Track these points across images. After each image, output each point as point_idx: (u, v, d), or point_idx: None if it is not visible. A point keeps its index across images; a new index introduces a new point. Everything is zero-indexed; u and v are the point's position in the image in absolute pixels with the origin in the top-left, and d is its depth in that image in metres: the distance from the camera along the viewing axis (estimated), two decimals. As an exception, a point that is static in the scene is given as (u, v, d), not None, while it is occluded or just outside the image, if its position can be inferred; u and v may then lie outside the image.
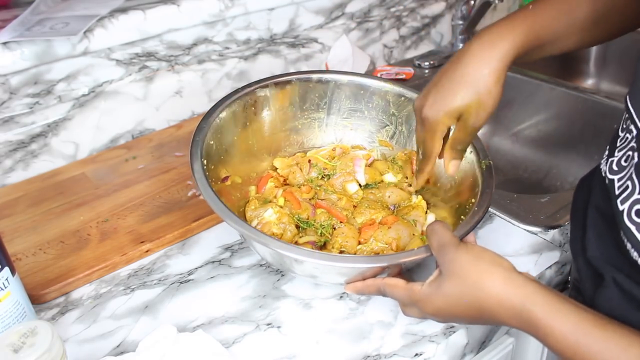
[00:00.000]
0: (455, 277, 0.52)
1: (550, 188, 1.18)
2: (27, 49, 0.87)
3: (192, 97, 1.10)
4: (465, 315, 0.53)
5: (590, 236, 0.58)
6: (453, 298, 0.53)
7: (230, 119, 0.75)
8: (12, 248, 0.75)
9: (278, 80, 0.80)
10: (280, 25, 1.15)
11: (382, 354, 0.62)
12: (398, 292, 0.57)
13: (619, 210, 0.51)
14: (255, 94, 0.78)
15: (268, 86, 0.79)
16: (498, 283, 0.50)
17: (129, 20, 0.95)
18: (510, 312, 0.49)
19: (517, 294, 0.49)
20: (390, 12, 1.31)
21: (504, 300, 0.50)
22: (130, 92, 1.02)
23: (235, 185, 0.74)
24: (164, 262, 0.76)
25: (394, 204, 0.76)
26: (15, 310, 0.59)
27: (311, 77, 0.81)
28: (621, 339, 0.45)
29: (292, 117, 0.82)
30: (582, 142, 1.16)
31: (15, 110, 0.91)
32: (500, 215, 0.81)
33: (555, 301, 0.48)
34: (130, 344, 0.64)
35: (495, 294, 0.50)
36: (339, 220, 0.72)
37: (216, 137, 0.72)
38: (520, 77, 1.24)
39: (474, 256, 0.53)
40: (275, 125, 0.81)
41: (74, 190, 0.89)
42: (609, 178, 0.54)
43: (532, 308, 0.48)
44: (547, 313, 0.48)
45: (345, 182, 0.77)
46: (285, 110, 0.82)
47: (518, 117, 1.27)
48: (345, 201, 0.74)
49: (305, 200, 0.75)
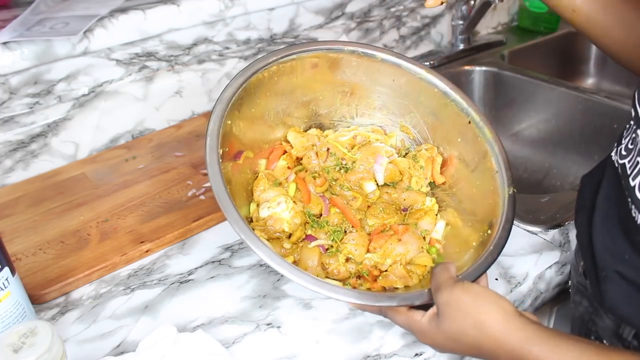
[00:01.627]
0: (452, 319, 0.52)
1: (550, 188, 1.18)
2: (27, 49, 0.87)
3: (192, 97, 1.10)
4: (465, 353, 0.54)
5: (596, 225, 0.59)
6: (451, 338, 0.53)
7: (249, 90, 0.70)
8: (12, 248, 0.75)
9: (308, 48, 0.74)
10: (280, 25, 1.15)
11: (382, 354, 0.62)
12: (399, 319, 0.58)
13: (631, 186, 0.52)
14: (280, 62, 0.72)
15: (296, 54, 0.73)
16: (498, 324, 0.50)
17: (129, 20, 0.95)
18: (510, 354, 0.49)
19: (517, 336, 0.49)
20: (390, 12, 1.31)
21: (503, 342, 0.49)
22: (130, 92, 1.02)
23: (247, 161, 0.71)
24: (164, 262, 0.76)
25: (408, 207, 0.74)
26: (15, 310, 0.59)
27: (343, 49, 0.76)
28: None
29: (314, 88, 0.78)
30: (582, 142, 1.16)
31: (15, 110, 0.91)
32: (500, 215, 0.81)
33: (555, 340, 0.48)
34: (130, 344, 0.64)
35: (494, 335, 0.50)
36: (351, 224, 0.70)
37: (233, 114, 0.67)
38: (520, 77, 1.24)
39: (471, 296, 0.52)
40: (296, 95, 0.77)
41: (74, 190, 0.89)
42: (620, 163, 0.56)
43: (532, 349, 0.48)
44: (547, 353, 0.47)
45: (362, 180, 0.73)
46: (308, 79, 0.76)
47: (518, 117, 1.27)
48: (360, 202, 0.71)
49: (318, 194, 0.72)
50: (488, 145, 0.71)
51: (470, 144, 0.73)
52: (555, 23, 1.43)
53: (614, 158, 0.59)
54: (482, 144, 0.72)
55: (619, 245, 0.55)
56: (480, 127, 0.72)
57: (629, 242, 0.54)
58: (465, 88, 1.31)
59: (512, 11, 1.54)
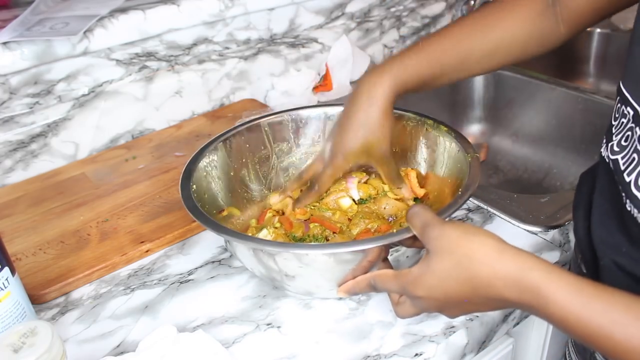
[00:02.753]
0: (444, 253, 0.51)
1: (550, 188, 1.18)
2: (27, 49, 0.87)
3: (192, 97, 1.10)
4: (459, 293, 0.51)
5: (595, 220, 0.58)
6: (444, 273, 0.50)
7: (225, 158, 0.76)
8: (12, 248, 0.76)
9: (271, 120, 0.81)
10: (280, 25, 1.15)
11: (382, 354, 0.62)
12: (388, 282, 0.56)
13: (626, 182, 0.51)
14: (246, 134, 0.79)
15: (260, 125, 0.80)
16: (491, 253, 0.48)
17: (129, 20, 0.95)
18: (508, 280, 0.47)
19: (514, 262, 0.48)
20: (390, 12, 1.31)
21: (500, 270, 0.48)
22: (130, 92, 1.02)
23: (235, 218, 0.74)
24: (164, 262, 0.76)
25: (391, 215, 0.74)
26: (15, 310, 0.59)
27: (301, 114, 0.82)
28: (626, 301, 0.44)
29: (289, 153, 0.83)
30: (582, 142, 1.16)
31: (15, 110, 0.91)
32: (500, 215, 0.81)
33: (552, 267, 0.47)
34: (130, 344, 0.64)
35: (490, 264, 0.48)
36: (332, 230, 0.71)
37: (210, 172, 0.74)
38: (520, 77, 1.24)
39: (462, 231, 0.51)
40: (273, 162, 0.82)
41: (74, 190, 0.89)
42: (612, 159, 0.55)
43: (530, 274, 0.47)
44: (546, 278, 0.46)
45: (338, 199, 0.75)
46: (280, 147, 0.82)
47: (518, 117, 1.27)
48: (339, 215, 0.73)
49: (299, 221, 0.74)
50: (447, 138, 0.74)
51: (437, 150, 0.76)
52: (555, 23, 1.43)
53: (604, 154, 0.58)
54: (443, 140, 0.75)
55: (616, 239, 0.54)
56: (436, 127, 0.76)
57: (626, 236, 0.53)
58: (464, 88, 1.31)
59: (512, 11, 1.54)
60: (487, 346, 0.68)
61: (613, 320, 0.44)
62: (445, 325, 0.64)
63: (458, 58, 0.69)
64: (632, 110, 0.52)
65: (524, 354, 0.81)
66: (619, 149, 0.55)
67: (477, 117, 1.33)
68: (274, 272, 0.62)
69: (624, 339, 0.44)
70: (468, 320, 0.64)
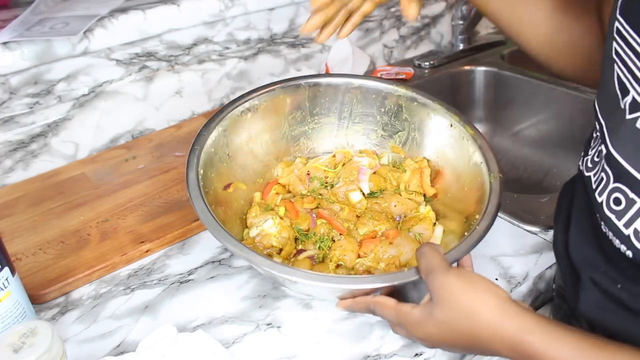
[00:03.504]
0: (446, 305, 0.51)
1: (550, 188, 1.18)
2: (27, 49, 0.87)
3: (192, 97, 1.10)
4: (457, 344, 0.52)
5: (573, 235, 0.57)
6: (445, 325, 0.51)
7: (234, 125, 0.73)
8: (12, 248, 0.75)
9: (286, 85, 0.77)
10: (280, 25, 1.15)
11: (382, 354, 0.62)
12: (388, 312, 0.56)
13: (597, 202, 0.51)
14: (261, 99, 0.76)
15: (275, 90, 0.77)
16: (493, 312, 0.49)
17: (129, 20, 0.95)
18: (506, 342, 0.48)
19: (513, 324, 0.48)
20: (390, 12, 1.31)
21: (499, 330, 0.48)
22: (130, 92, 1.02)
23: (239, 192, 0.73)
24: (164, 262, 0.76)
25: (400, 215, 0.74)
26: (15, 310, 0.59)
27: (320, 82, 0.79)
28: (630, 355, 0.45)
29: (302, 122, 0.80)
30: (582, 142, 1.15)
31: (15, 110, 0.91)
32: (500, 215, 0.81)
33: (552, 329, 0.47)
34: (130, 344, 0.64)
35: (490, 324, 0.49)
36: (339, 232, 0.70)
37: (218, 145, 0.71)
38: (520, 77, 1.24)
39: (465, 282, 0.51)
40: (284, 131, 0.80)
41: (74, 190, 0.89)
42: (585, 175, 0.55)
43: (528, 338, 0.47)
44: (544, 342, 0.46)
45: (348, 191, 0.75)
46: (294, 114, 0.79)
47: (518, 117, 1.27)
48: (347, 212, 0.72)
49: (306, 210, 0.73)
50: (471, 142, 0.73)
51: (456, 148, 0.75)
52: (555, 23, 1.43)
53: (581, 168, 0.57)
54: (466, 142, 0.73)
55: (594, 258, 0.53)
56: (461, 126, 0.74)
57: (603, 255, 0.52)
58: (465, 88, 1.31)
59: (512, 11, 1.54)
60: (487, 346, 0.68)
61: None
62: (445, 325, 0.64)
63: None
64: (598, 125, 0.52)
65: (524, 354, 0.81)
66: (591, 165, 0.54)
67: (478, 117, 1.33)
68: (275, 277, 0.62)
69: None
70: (468, 320, 0.64)
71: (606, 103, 0.51)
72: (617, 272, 0.50)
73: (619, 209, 0.48)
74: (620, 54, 0.48)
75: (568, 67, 0.67)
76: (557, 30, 0.64)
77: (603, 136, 0.51)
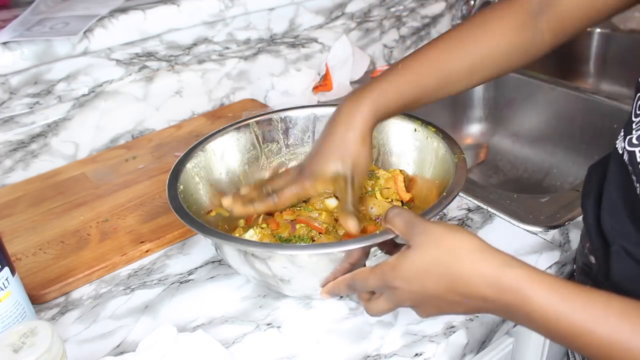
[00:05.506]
0: (427, 247, 0.51)
1: (550, 188, 1.18)
2: (27, 49, 0.87)
3: (192, 97, 1.10)
4: (437, 287, 0.51)
5: (605, 208, 0.58)
6: (424, 266, 0.51)
7: (212, 159, 0.76)
8: (12, 248, 0.75)
9: (259, 119, 0.81)
10: (280, 25, 1.15)
11: (382, 354, 0.62)
12: (365, 278, 0.55)
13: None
14: (237, 133, 0.79)
15: (249, 125, 0.80)
16: (474, 251, 0.49)
17: (129, 20, 0.95)
18: (488, 278, 0.48)
19: (495, 260, 0.48)
20: (390, 12, 1.31)
21: (481, 268, 0.48)
22: (130, 92, 1.02)
23: (223, 218, 0.74)
24: (164, 262, 0.76)
25: (378, 216, 0.74)
26: (15, 310, 0.59)
27: (290, 115, 0.82)
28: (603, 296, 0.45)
29: (278, 153, 0.83)
30: (582, 142, 1.16)
31: (15, 110, 0.91)
32: (500, 215, 0.81)
33: (533, 268, 0.48)
34: (130, 344, 0.64)
35: (472, 261, 0.49)
36: (317, 232, 0.70)
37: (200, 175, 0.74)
38: (520, 77, 1.24)
39: (446, 228, 0.51)
40: (262, 163, 0.82)
41: (74, 190, 0.89)
42: (628, 151, 0.55)
43: (511, 272, 0.47)
44: (526, 276, 0.47)
45: (324, 200, 0.74)
46: (270, 147, 0.82)
47: (518, 117, 1.27)
48: (325, 216, 0.72)
49: (286, 221, 0.73)
50: (435, 137, 0.74)
51: (423, 149, 0.76)
52: (555, 23, 1.43)
53: (619, 146, 0.58)
54: (431, 140, 0.75)
55: (626, 228, 0.55)
56: (425, 127, 0.76)
57: (637, 226, 0.53)
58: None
59: (512, 11, 1.54)
60: (487, 346, 0.68)
61: (594, 315, 0.44)
62: (445, 325, 0.64)
63: (438, 78, 0.67)
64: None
65: (524, 353, 0.81)
66: (637, 142, 0.54)
67: (478, 117, 1.33)
68: (267, 277, 0.62)
69: (606, 334, 0.44)
70: (468, 320, 0.64)
71: None
72: None
73: None
74: None
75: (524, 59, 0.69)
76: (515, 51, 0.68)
77: None
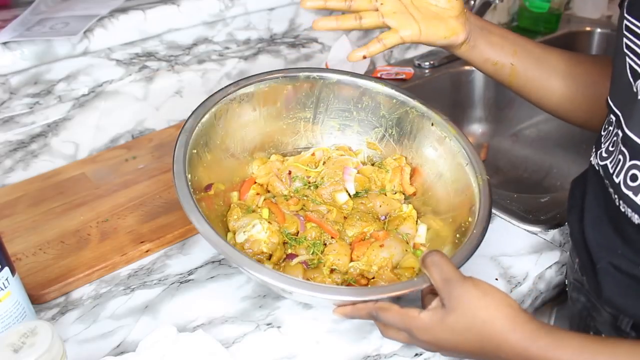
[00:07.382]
0: (462, 313, 0.53)
1: (550, 188, 1.18)
2: (27, 49, 0.87)
3: (192, 97, 1.10)
4: (467, 349, 0.54)
5: (588, 223, 0.61)
6: (458, 331, 0.53)
7: (212, 121, 0.72)
8: (12, 248, 0.75)
9: (263, 78, 0.76)
10: (280, 25, 1.15)
11: (382, 354, 0.62)
12: (392, 317, 0.56)
13: (615, 184, 0.54)
14: (238, 93, 0.74)
15: (252, 84, 0.75)
16: (506, 320, 0.52)
17: (129, 20, 0.95)
18: (513, 350, 0.51)
19: (521, 332, 0.51)
20: (390, 12, 1.31)
21: (508, 338, 0.51)
22: (130, 92, 1.02)
23: (218, 193, 0.71)
24: (164, 262, 0.76)
25: (385, 214, 0.74)
26: (15, 310, 0.59)
27: (298, 75, 0.77)
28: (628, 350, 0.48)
29: (277, 117, 0.79)
30: (582, 142, 1.16)
31: (15, 110, 0.91)
32: (500, 215, 0.81)
33: (556, 335, 0.50)
34: (130, 344, 0.64)
35: (502, 330, 0.51)
36: (330, 235, 0.70)
37: (199, 144, 0.69)
38: (520, 77, 1.23)
39: (482, 292, 0.53)
40: (259, 126, 0.78)
41: (74, 190, 0.89)
42: (601, 165, 0.59)
43: (534, 344, 0.50)
44: (549, 347, 0.49)
45: (334, 192, 0.74)
46: (269, 109, 0.78)
47: (518, 117, 1.27)
48: (335, 213, 0.72)
49: (293, 213, 0.72)
50: (454, 142, 0.73)
51: (438, 147, 0.75)
52: (555, 23, 1.43)
53: (594, 162, 0.61)
54: (449, 142, 0.74)
55: (611, 242, 0.57)
56: (443, 126, 0.74)
57: (621, 238, 0.56)
58: (465, 88, 1.31)
59: (512, 11, 1.54)
60: (487, 346, 0.68)
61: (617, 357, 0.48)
62: (445, 325, 0.64)
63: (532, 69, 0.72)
64: (614, 116, 0.57)
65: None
66: (606, 154, 0.58)
67: (478, 117, 1.33)
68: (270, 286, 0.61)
69: None
70: (468, 320, 0.64)
71: (619, 94, 0.57)
72: (634, 252, 0.54)
73: (636, 184, 0.52)
74: (630, 46, 0.55)
75: (581, 116, 0.74)
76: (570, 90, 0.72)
77: (619, 124, 0.55)
